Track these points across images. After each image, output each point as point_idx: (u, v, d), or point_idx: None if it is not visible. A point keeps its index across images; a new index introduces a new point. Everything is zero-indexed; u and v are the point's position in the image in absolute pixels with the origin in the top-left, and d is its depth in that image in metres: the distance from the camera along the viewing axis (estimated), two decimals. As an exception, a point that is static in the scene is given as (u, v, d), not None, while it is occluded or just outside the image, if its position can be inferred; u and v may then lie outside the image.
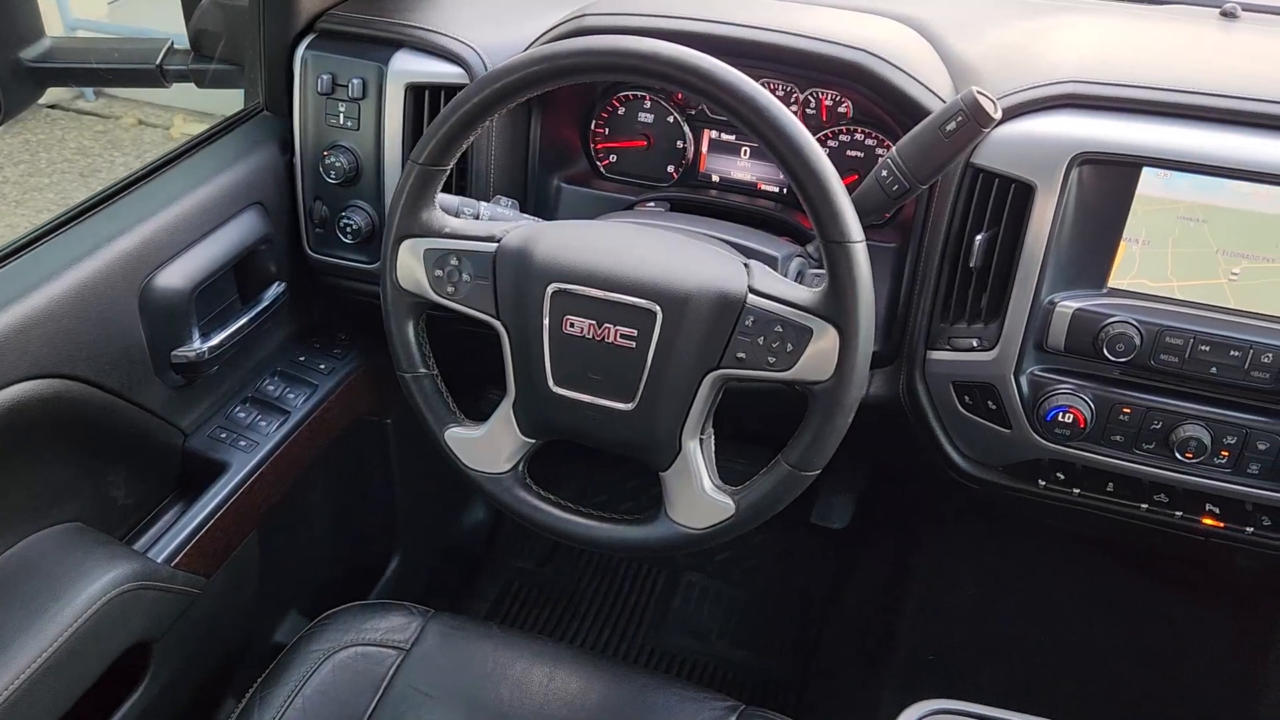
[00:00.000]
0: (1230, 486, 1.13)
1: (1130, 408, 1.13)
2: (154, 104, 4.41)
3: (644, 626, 1.88)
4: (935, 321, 1.19)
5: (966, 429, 1.22)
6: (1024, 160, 1.08)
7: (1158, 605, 1.73)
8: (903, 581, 1.79)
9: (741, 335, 0.97)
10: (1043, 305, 1.11)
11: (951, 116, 0.99)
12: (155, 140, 4.26)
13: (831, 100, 1.28)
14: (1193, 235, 1.07)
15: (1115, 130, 1.06)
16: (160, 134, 4.31)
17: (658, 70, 0.93)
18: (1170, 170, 1.05)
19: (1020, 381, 1.15)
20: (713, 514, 1.03)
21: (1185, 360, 1.09)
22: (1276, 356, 1.06)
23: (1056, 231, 1.08)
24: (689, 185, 1.37)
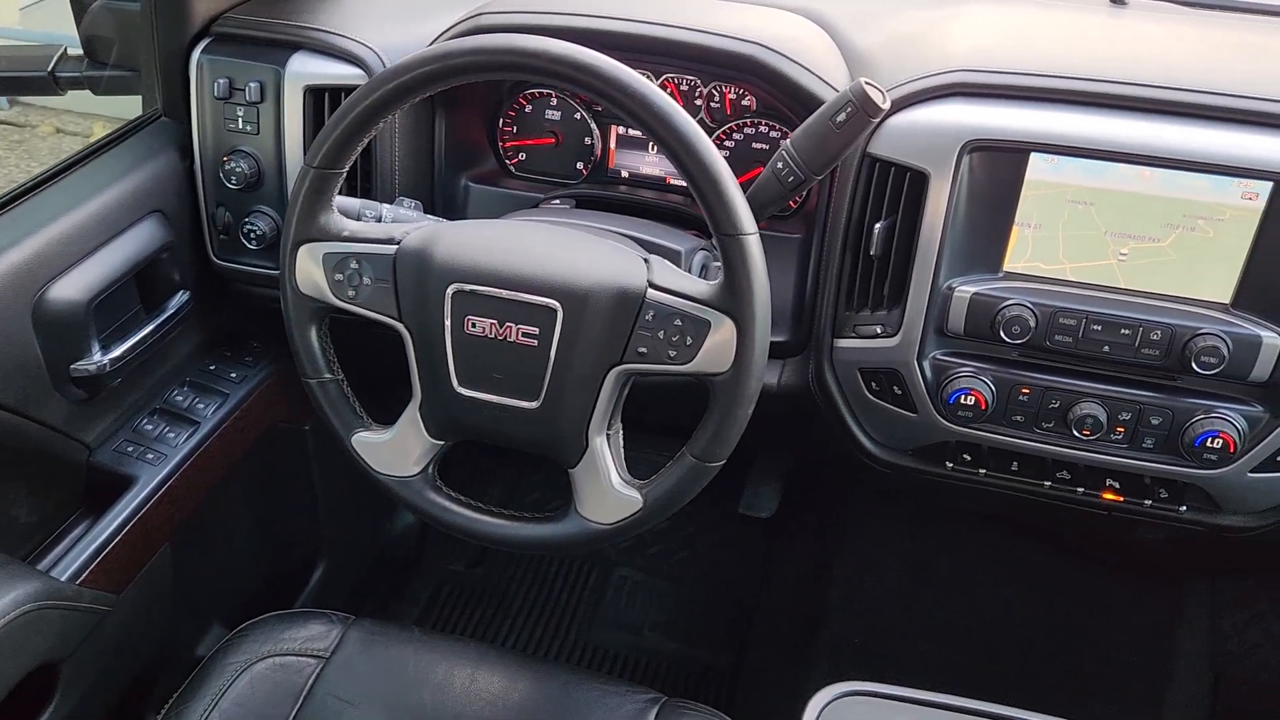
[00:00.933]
0: (1127, 461, 1.16)
1: (1029, 388, 1.15)
2: (73, 112, 4.30)
3: (576, 623, 1.88)
4: (840, 310, 1.20)
5: (875, 414, 1.24)
6: (917, 149, 1.10)
7: (1075, 580, 1.77)
8: (829, 567, 1.81)
9: (642, 330, 0.98)
10: (941, 290, 1.14)
11: (841, 108, 1.01)
12: (74, 148, 4.17)
13: (735, 94, 1.29)
14: (1082, 218, 1.10)
15: (1003, 117, 1.09)
16: (80, 142, 4.21)
17: (547, 68, 0.93)
18: (1057, 155, 1.08)
19: (923, 366, 1.17)
20: (621, 509, 1.04)
21: (1079, 340, 1.11)
22: (1164, 334, 1.09)
23: (951, 218, 1.10)
24: (599, 181, 1.37)
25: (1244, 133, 1.05)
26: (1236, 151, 1.04)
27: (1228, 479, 1.14)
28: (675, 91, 1.30)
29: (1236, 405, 1.11)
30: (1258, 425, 1.11)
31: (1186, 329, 1.08)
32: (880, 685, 1.03)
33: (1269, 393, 1.10)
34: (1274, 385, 1.09)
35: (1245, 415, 1.11)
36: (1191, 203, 1.06)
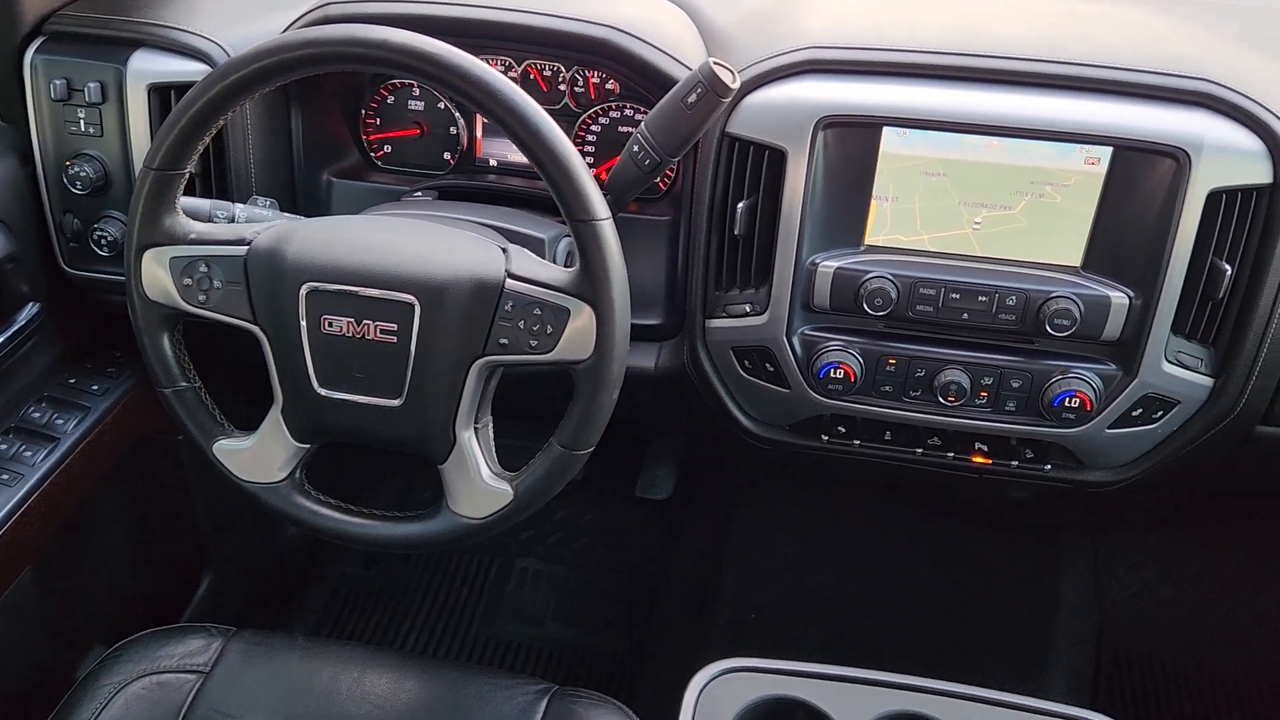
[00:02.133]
0: (993, 424, 1.20)
1: (895, 358, 1.18)
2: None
3: (477, 618, 1.86)
4: (710, 290, 1.21)
5: (750, 392, 1.25)
6: (773, 127, 1.11)
7: (963, 543, 1.82)
8: (725, 546, 1.83)
9: (502, 321, 0.97)
10: (805, 267, 1.15)
11: (691, 89, 1.01)
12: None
13: (598, 79, 1.28)
14: (936, 189, 1.12)
15: (855, 93, 1.10)
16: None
17: (386, 59, 0.91)
18: (909, 129, 1.09)
19: (793, 342, 1.19)
20: (492, 502, 1.03)
21: (939, 309, 1.14)
22: (1020, 299, 1.12)
23: (810, 194, 1.12)
24: (467, 171, 1.35)
25: (1083, 100, 1.08)
26: (1076, 118, 1.07)
27: (1087, 436, 1.18)
28: (538, 77, 1.29)
29: (1091, 365, 1.15)
30: (1112, 383, 1.15)
31: (1040, 293, 1.11)
32: (760, 660, 1.04)
33: (1120, 351, 1.14)
34: (1124, 344, 1.13)
35: (1100, 374, 1.15)
36: (1038, 170, 1.09)
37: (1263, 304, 1.09)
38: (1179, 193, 1.05)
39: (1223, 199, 1.06)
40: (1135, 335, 1.11)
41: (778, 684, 1.02)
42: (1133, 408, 1.15)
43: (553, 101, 1.30)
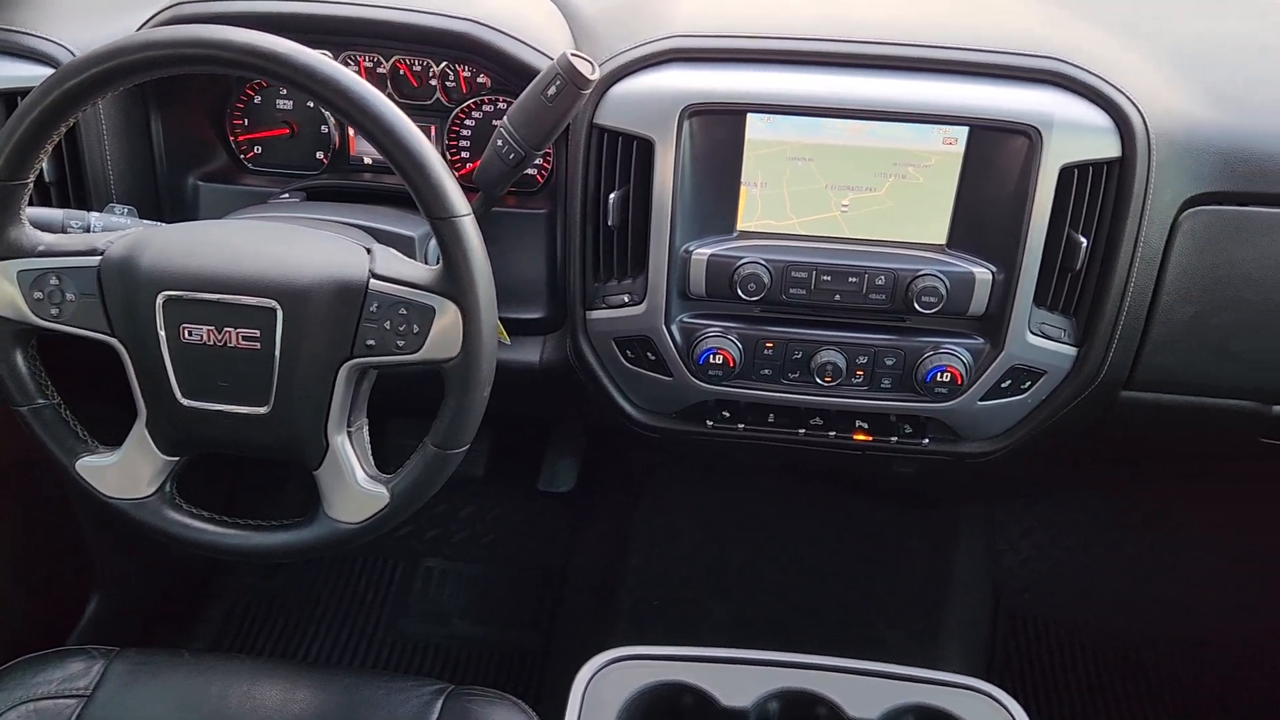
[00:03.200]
0: (870, 402, 1.22)
1: (772, 342, 1.19)
2: None
3: (384, 620, 1.85)
4: (589, 282, 1.21)
5: (635, 381, 1.26)
6: (640, 117, 1.11)
7: (863, 518, 1.86)
8: (628, 534, 1.84)
9: (368, 322, 0.95)
10: (680, 255, 1.15)
11: (550, 81, 1.01)
12: None
13: (469, 72, 1.27)
14: (803, 174, 1.14)
15: (718, 80, 1.11)
16: None
17: (230, 59, 0.89)
18: (773, 115, 1.11)
19: (672, 330, 1.19)
20: (368, 506, 1.01)
21: (811, 291, 1.15)
22: (888, 278, 1.14)
23: (680, 183, 1.12)
24: (340, 170, 1.33)
25: (939, 82, 1.10)
26: (932, 100, 1.09)
27: (961, 409, 1.21)
28: (408, 73, 1.27)
29: (960, 340, 1.18)
30: (980, 356, 1.18)
31: (908, 272, 1.14)
32: (646, 647, 1.05)
33: (987, 325, 1.17)
34: (990, 318, 1.16)
35: (969, 348, 1.18)
36: (899, 151, 1.11)
37: (1118, 274, 1.13)
38: (1033, 169, 1.08)
39: (1075, 173, 1.09)
40: (1000, 309, 1.14)
41: (664, 670, 1.03)
42: (1001, 379, 1.19)
43: (424, 97, 1.28)
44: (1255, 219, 1.12)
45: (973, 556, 1.88)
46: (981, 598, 1.86)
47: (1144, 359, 1.19)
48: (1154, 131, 1.09)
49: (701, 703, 1.02)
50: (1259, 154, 1.11)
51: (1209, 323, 1.16)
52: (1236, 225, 1.12)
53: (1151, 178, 1.10)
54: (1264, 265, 1.13)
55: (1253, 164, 1.11)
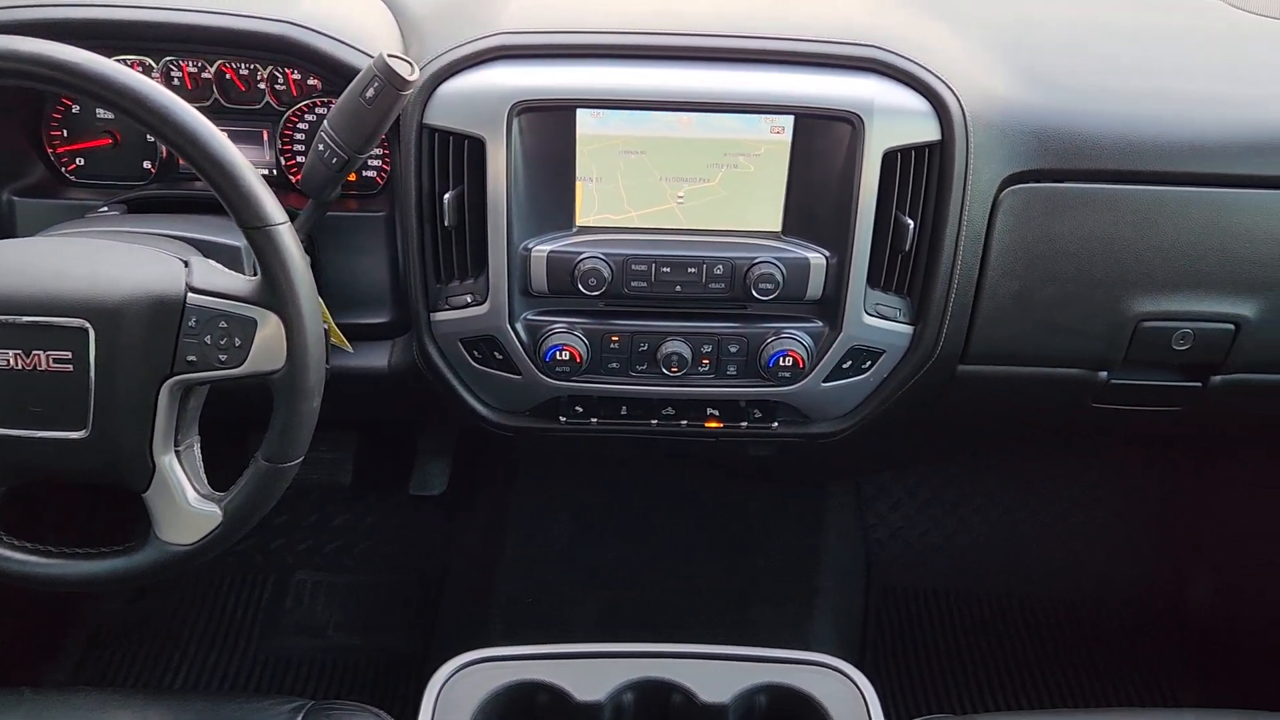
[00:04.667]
0: (718, 390, 1.24)
1: (618, 336, 1.20)
2: None
3: (255, 637, 1.80)
4: (431, 283, 1.20)
5: (485, 381, 1.25)
6: (469, 115, 1.10)
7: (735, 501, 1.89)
8: (502, 532, 1.83)
9: (187, 337, 0.92)
10: (519, 253, 1.15)
11: (369, 83, 0.99)
12: None
13: (298, 75, 1.24)
14: (637, 167, 1.14)
15: (546, 77, 1.10)
16: None
17: (17, 69, 0.85)
18: (602, 109, 1.11)
19: (517, 329, 1.19)
20: (201, 526, 0.98)
21: (652, 283, 1.16)
22: (726, 267, 1.16)
23: (514, 180, 1.12)
24: (169, 180, 1.28)
25: (764, 72, 1.12)
26: (758, 90, 1.11)
27: (806, 391, 1.23)
28: (235, 78, 1.23)
29: (801, 324, 1.20)
30: (820, 339, 1.20)
31: (745, 260, 1.16)
32: (499, 649, 1.04)
33: (825, 309, 1.19)
34: (827, 301, 1.18)
35: (809, 332, 1.20)
36: (729, 142, 1.13)
37: (945, 253, 1.17)
38: (857, 155, 1.11)
39: (898, 158, 1.12)
40: (836, 293, 1.17)
41: (518, 669, 1.03)
42: (842, 360, 1.21)
43: (253, 101, 1.25)
44: (1070, 195, 1.17)
45: (843, 533, 1.93)
46: (853, 573, 1.91)
47: (976, 333, 1.23)
48: (970, 114, 1.13)
49: (557, 700, 1.02)
50: (1070, 133, 1.16)
51: (1033, 296, 1.21)
52: (1053, 201, 1.17)
53: (970, 159, 1.13)
54: (1079, 238, 1.18)
55: (1065, 142, 1.16)
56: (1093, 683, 1.82)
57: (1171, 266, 1.20)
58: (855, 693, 1.02)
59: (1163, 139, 1.17)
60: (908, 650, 1.86)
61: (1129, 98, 1.19)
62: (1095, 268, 1.19)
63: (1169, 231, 1.18)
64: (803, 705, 1.02)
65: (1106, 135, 1.16)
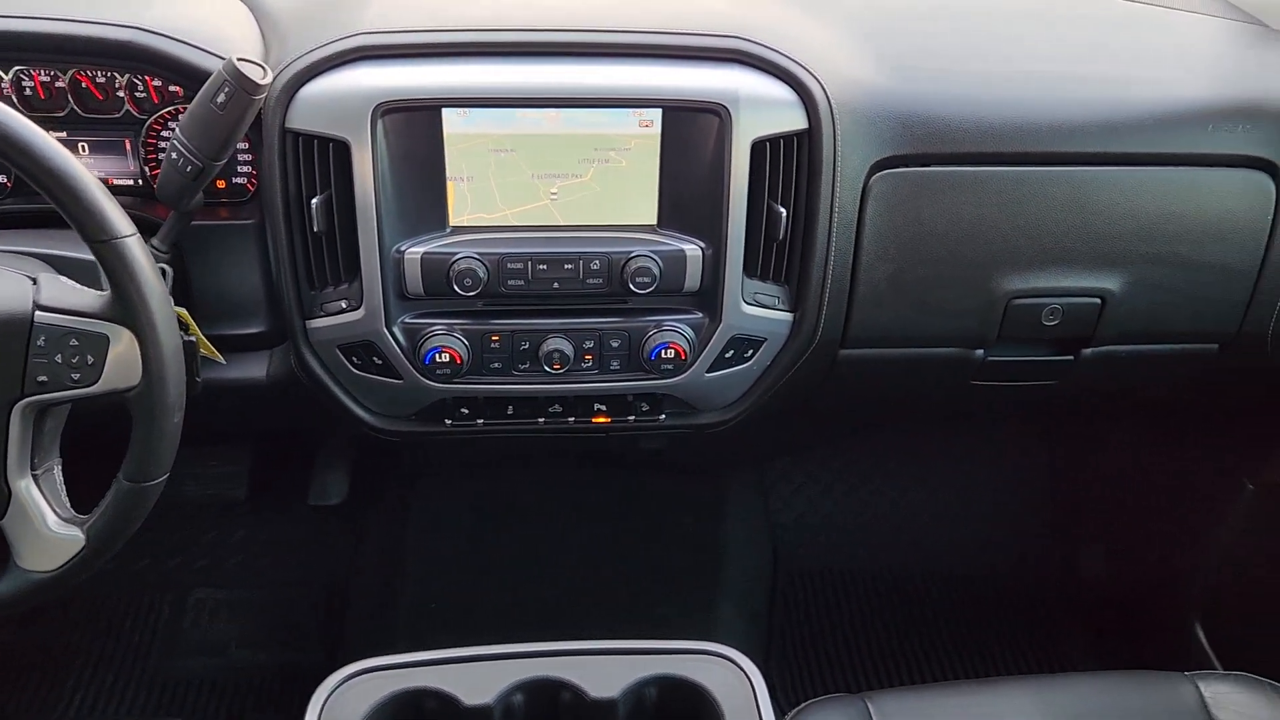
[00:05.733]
0: (603, 385, 1.24)
1: (498, 335, 1.19)
2: None
3: (153, 661, 1.75)
4: (304, 290, 1.17)
5: (366, 387, 1.23)
6: (332, 118, 1.08)
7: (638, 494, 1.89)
8: (405, 538, 1.81)
9: (37, 357, 0.89)
10: (392, 256, 1.13)
11: (219, 88, 0.97)
12: None
13: (159, 81, 1.20)
14: (508, 165, 1.13)
15: (409, 77, 1.09)
16: None
17: None
18: (468, 108, 1.10)
19: (395, 332, 1.17)
20: (63, 552, 0.95)
21: (530, 281, 1.16)
22: (603, 262, 1.16)
23: (381, 183, 1.10)
24: (23, 195, 1.23)
25: (629, 65, 1.12)
26: (624, 84, 1.11)
27: (690, 383, 1.24)
28: (91, 86, 1.19)
29: (681, 316, 1.21)
30: (701, 330, 1.21)
31: (621, 254, 1.16)
32: (386, 657, 1.03)
33: (704, 300, 1.20)
34: (706, 292, 1.19)
35: (689, 324, 1.21)
36: (599, 137, 1.13)
37: (819, 240, 1.18)
38: (726, 146, 1.11)
39: (766, 147, 1.13)
40: (713, 283, 1.18)
41: (404, 677, 1.02)
42: (724, 350, 1.22)
43: (113, 110, 1.21)
44: (936, 178, 1.20)
45: (747, 519, 1.95)
46: (759, 559, 1.93)
47: (854, 318, 1.25)
48: (836, 103, 1.15)
49: (445, 705, 1.01)
50: (933, 117, 1.18)
51: (907, 278, 1.23)
52: (920, 185, 1.19)
53: (838, 146, 1.15)
54: (948, 221, 1.21)
55: (929, 127, 1.18)
56: (993, 652, 1.87)
57: (1037, 245, 1.23)
58: (743, 679, 1.03)
59: (1023, 121, 1.20)
60: (815, 632, 1.89)
61: (990, 81, 1.22)
62: (965, 248, 1.22)
63: (1033, 211, 1.21)
64: (692, 695, 1.03)
65: (969, 119, 1.19)
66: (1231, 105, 1.23)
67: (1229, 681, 1.23)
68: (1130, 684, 1.23)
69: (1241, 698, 1.21)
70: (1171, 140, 1.22)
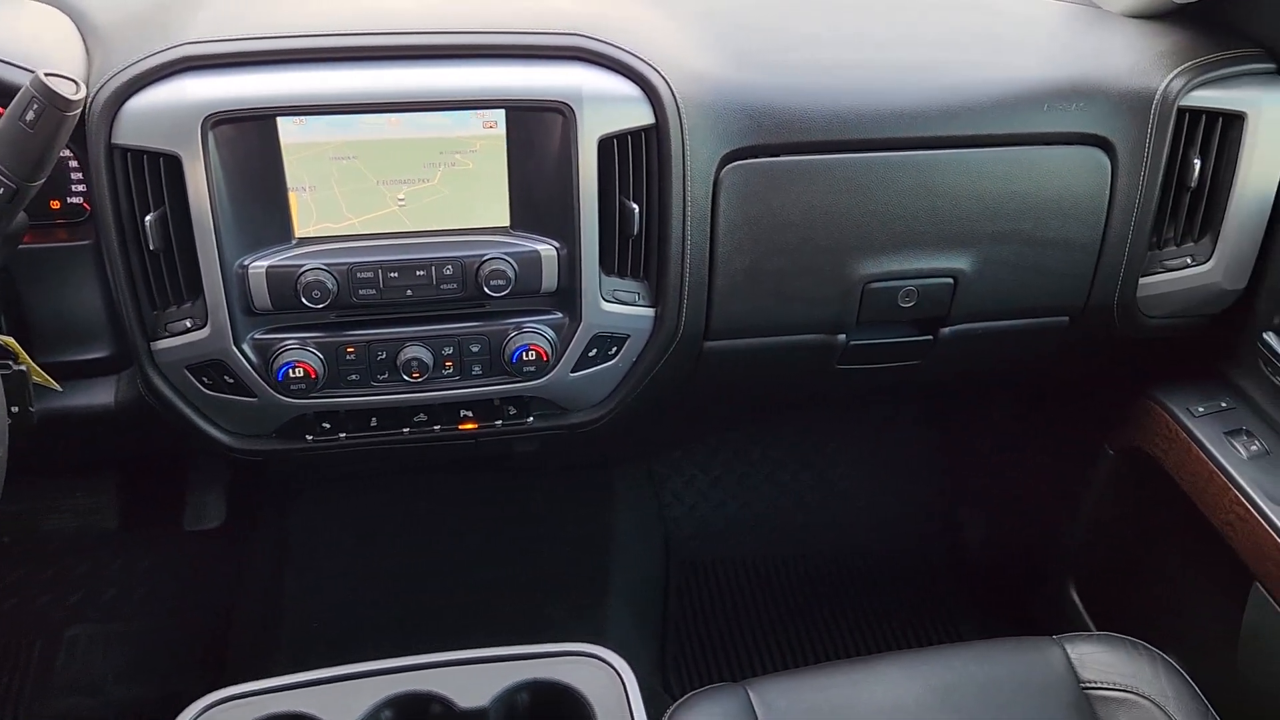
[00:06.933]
0: (466, 391, 1.22)
1: (354, 347, 1.16)
2: None
3: (23, 705, 1.67)
4: (145, 311, 1.13)
5: (219, 407, 1.20)
6: (160, 132, 1.04)
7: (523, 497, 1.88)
8: (286, 558, 1.76)
9: None
10: (235, 271, 1.10)
11: (28, 105, 0.92)
12: None
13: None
14: (351, 172, 1.11)
15: (239, 86, 1.06)
16: None
17: None
18: (304, 116, 1.07)
19: (244, 349, 1.14)
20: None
21: (382, 290, 1.13)
22: (456, 267, 1.14)
23: (218, 196, 1.07)
24: None
25: (468, 66, 1.10)
26: (464, 86, 1.09)
27: (556, 384, 1.23)
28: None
29: (542, 317, 1.20)
30: (562, 330, 1.20)
31: (474, 258, 1.14)
32: (248, 684, 1.00)
33: (563, 300, 1.19)
34: (564, 292, 1.18)
35: (550, 324, 1.20)
36: (443, 140, 1.11)
37: (674, 234, 1.18)
38: (572, 144, 1.11)
39: (614, 144, 1.13)
40: (571, 283, 1.17)
41: (266, 704, 0.99)
42: (587, 349, 1.22)
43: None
44: (786, 168, 1.21)
45: (638, 515, 1.95)
46: (651, 553, 1.94)
47: (715, 310, 1.26)
48: (681, 97, 1.15)
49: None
50: (780, 108, 1.20)
51: (764, 268, 1.24)
52: (770, 176, 1.21)
53: (687, 140, 1.15)
54: (801, 209, 1.22)
55: (776, 118, 1.19)
56: (887, 630, 1.91)
57: (888, 229, 1.25)
58: (615, 678, 1.03)
59: (867, 108, 1.22)
60: (711, 623, 1.90)
61: (835, 71, 1.24)
62: (818, 236, 1.24)
63: (882, 196, 1.24)
64: (565, 697, 1.02)
65: (814, 108, 1.20)
66: (1066, 85, 1.27)
67: (1093, 641, 1.28)
68: (1001, 651, 1.26)
69: (1105, 656, 1.25)
70: (1010, 121, 1.25)
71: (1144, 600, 1.63)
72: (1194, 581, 1.54)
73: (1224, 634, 1.38)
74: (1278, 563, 1.25)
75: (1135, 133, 1.27)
